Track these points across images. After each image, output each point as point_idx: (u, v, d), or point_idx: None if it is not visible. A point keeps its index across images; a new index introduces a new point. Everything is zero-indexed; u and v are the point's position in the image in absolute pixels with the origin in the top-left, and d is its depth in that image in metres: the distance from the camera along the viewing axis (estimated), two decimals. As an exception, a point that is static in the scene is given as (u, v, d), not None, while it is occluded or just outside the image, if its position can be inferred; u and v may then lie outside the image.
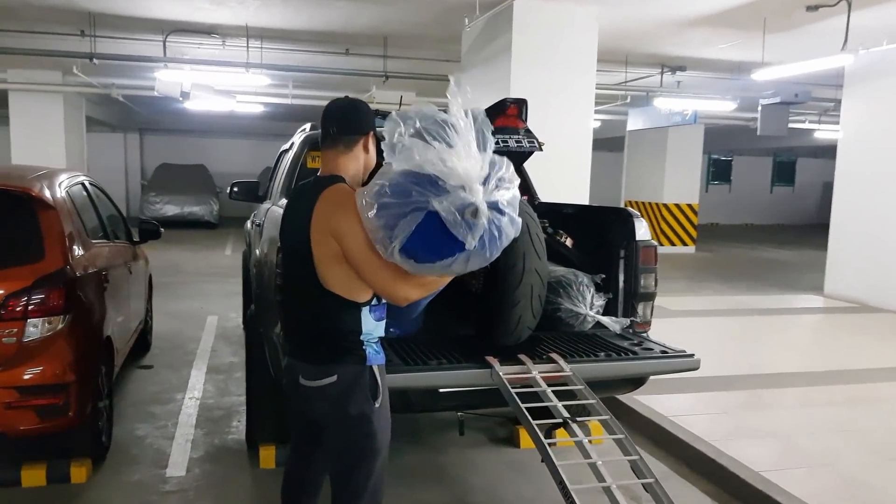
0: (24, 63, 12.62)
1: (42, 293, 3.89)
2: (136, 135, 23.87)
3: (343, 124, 2.61)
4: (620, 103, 13.22)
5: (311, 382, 2.59)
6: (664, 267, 14.46)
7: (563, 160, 7.82)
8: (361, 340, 2.54)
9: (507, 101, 3.54)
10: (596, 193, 25.79)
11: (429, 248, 2.22)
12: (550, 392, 3.05)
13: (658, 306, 9.08)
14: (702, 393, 5.72)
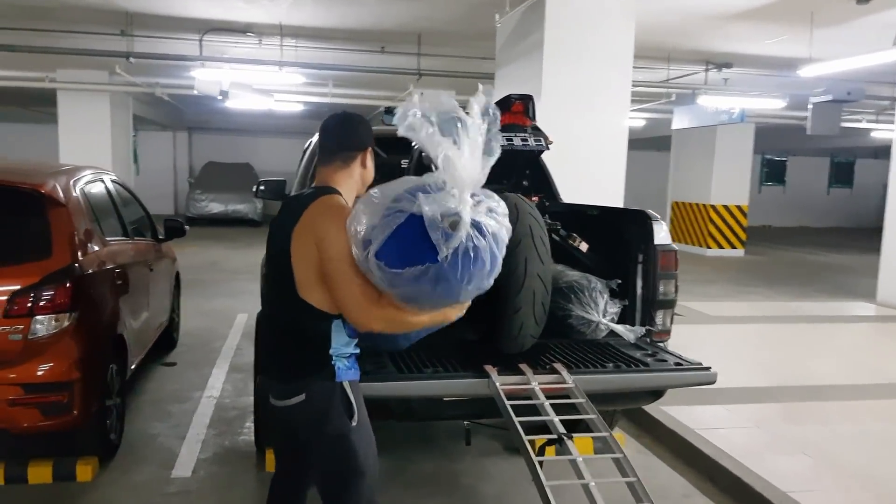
0: (72, 63, 12.86)
1: (48, 290, 3.87)
2: (185, 133, 24.28)
3: (341, 140, 2.59)
4: (665, 101, 12.87)
5: (281, 402, 2.49)
6: (709, 270, 14.10)
7: (597, 160, 7.61)
8: (331, 355, 2.43)
9: (512, 98, 3.37)
10: (640, 194, 25.40)
11: (402, 252, 2.13)
12: (548, 405, 2.88)
13: (697, 311, 9.02)
14: (734, 405, 5.45)
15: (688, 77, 11.77)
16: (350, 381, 2.47)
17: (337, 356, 2.44)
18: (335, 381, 2.43)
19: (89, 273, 4.19)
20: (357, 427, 2.46)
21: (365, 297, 2.28)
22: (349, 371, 2.47)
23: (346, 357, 2.47)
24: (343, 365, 2.45)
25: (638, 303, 3.92)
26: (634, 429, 5.23)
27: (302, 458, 2.66)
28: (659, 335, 3.91)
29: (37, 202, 4.09)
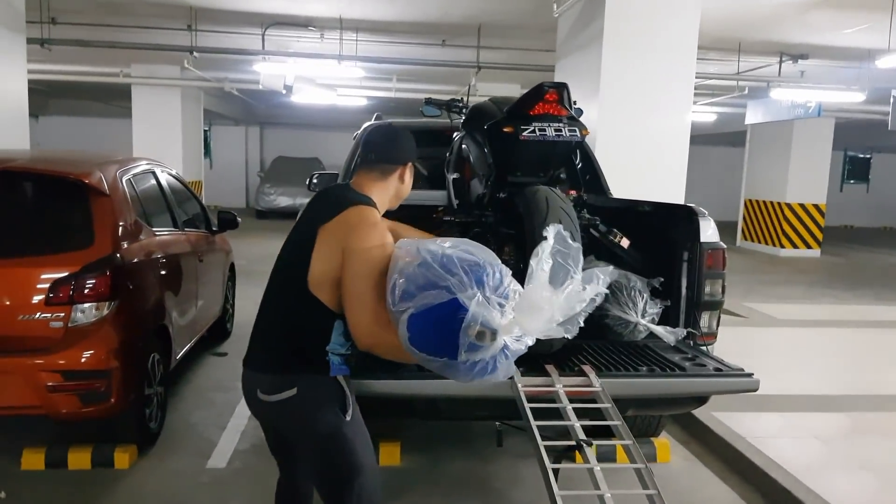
0: (145, 58, 13.24)
1: (89, 279, 3.93)
2: (257, 128, 24.77)
3: (382, 152, 2.63)
4: (737, 95, 12.36)
5: (269, 397, 2.41)
6: (782, 271, 13.54)
7: (658, 155, 7.33)
8: (326, 351, 2.40)
9: (545, 86, 3.22)
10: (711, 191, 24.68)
11: (426, 332, 2.14)
12: (570, 409, 2.73)
13: (763, 314, 8.64)
14: (793, 413, 5.15)
15: (761, 69, 11.26)
16: (345, 376, 2.44)
17: (332, 353, 2.41)
18: (328, 376, 2.40)
19: (131, 263, 4.25)
20: (350, 422, 2.43)
21: (375, 320, 2.29)
22: (342, 367, 2.44)
23: (340, 355, 2.43)
24: (337, 360, 2.42)
25: (682, 303, 3.72)
26: (683, 435, 5.00)
27: (295, 457, 2.64)
28: (703, 338, 3.69)
29: (81, 192, 4.16)
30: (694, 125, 18.51)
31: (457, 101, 4.24)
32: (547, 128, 3.16)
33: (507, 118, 3.30)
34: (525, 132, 3.15)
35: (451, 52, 10.84)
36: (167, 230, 5.16)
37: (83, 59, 13.18)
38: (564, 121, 3.21)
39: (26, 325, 3.87)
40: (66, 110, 21.61)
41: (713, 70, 11.27)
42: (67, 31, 9.69)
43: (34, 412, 3.90)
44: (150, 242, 4.62)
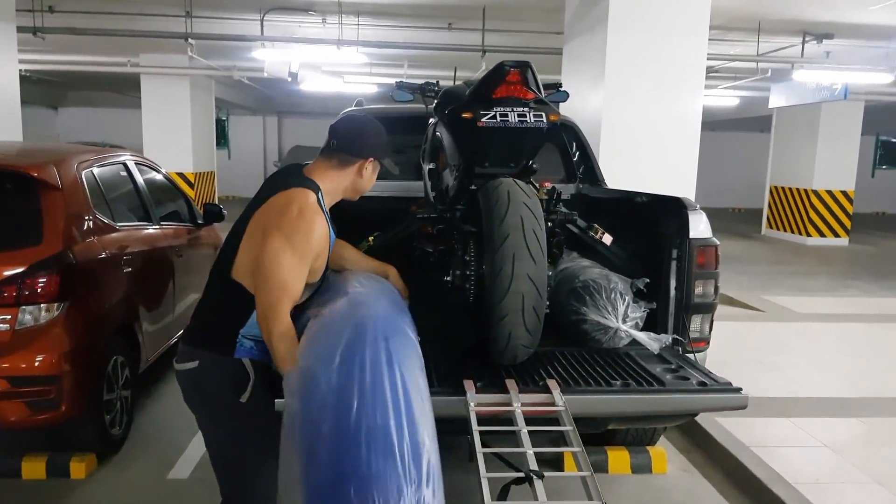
0: (153, 47, 13.03)
1: (36, 279, 3.70)
2: (275, 118, 24.60)
3: (345, 142, 2.54)
4: (760, 77, 11.83)
5: (177, 365, 2.50)
6: (807, 261, 13.04)
7: (667, 141, 6.94)
8: (238, 333, 2.40)
9: (505, 66, 2.88)
10: (734, 178, 24.13)
11: None
12: (525, 433, 2.40)
13: (782, 307, 8.20)
14: (804, 418, 4.78)
15: (783, 50, 10.72)
16: (251, 360, 2.41)
17: (244, 336, 2.41)
18: (232, 357, 2.40)
19: (86, 260, 4.00)
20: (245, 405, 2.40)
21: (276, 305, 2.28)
22: (251, 351, 2.42)
23: (255, 339, 2.41)
24: (248, 344, 2.41)
25: (671, 306, 3.37)
26: (684, 442, 4.66)
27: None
28: (697, 343, 3.34)
29: (30, 186, 3.93)
30: (716, 110, 18.19)
31: (431, 84, 3.90)
32: (510, 113, 2.82)
33: (467, 102, 2.96)
34: (484, 118, 2.81)
35: (459, 36, 10.47)
36: (136, 225, 4.91)
37: (93, 49, 13.04)
38: (531, 105, 2.86)
39: (-30, 329, 3.65)
40: (84, 101, 21.64)
41: (733, 51, 10.76)
42: (64, 20, 9.49)
43: (-21, 420, 3.68)
44: (111, 238, 4.37)
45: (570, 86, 7.94)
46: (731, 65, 11.54)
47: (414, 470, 1.89)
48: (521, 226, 2.69)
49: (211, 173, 16.58)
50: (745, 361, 6.01)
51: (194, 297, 5.92)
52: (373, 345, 2.09)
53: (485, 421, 2.52)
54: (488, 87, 2.90)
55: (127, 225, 4.71)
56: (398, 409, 1.97)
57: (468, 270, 3.02)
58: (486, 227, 2.76)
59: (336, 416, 1.94)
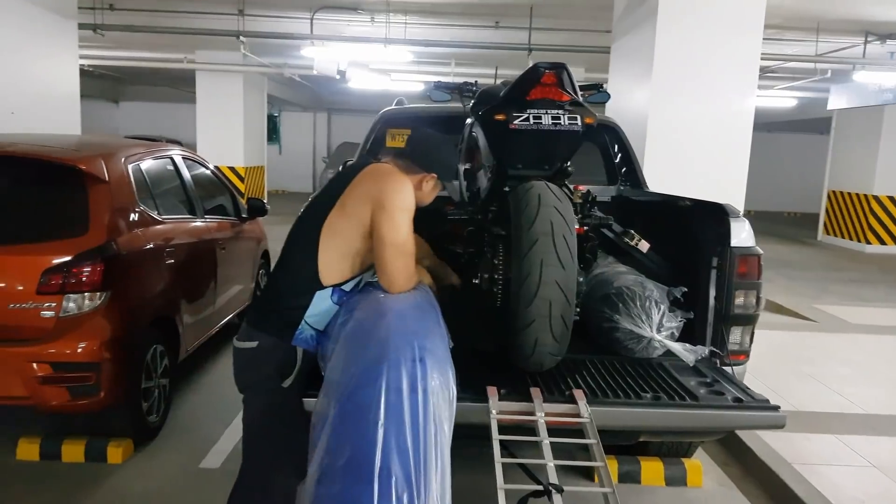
0: (208, 44, 13.29)
1: (80, 268, 3.79)
2: (325, 115, 24.86)
3: (416, 150, 2.73)
4: (819, 78, 11.48)
5: (237, 343, 2.63)
6: (865, 269, 12.57)
7: (717, 143, 6.81)
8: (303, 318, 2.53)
9: (540, 67, 2.82)
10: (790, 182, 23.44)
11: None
12: (547, 444, 2.36)
13: (835, 317, 7.94)
14: (852, 435, 4.60)
15: (844, 51, 10.38)
16: (305, 350, 2.56)
17: (307, 323, 2.54)
18: (289, 343, 2.53)
19: (129, 252, 4.08)
20: (285, 390, 2.54)
21: (407, 265, 2.54)
22: (309, 341, 2.55)
23: (317, 329, 2.55)
24: (308, 333, 2.54)
25: (710, 316, 3.27)
26: (723, 455, 4.54)
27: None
28: (736, 356, 3.24)
29: (79, 179, 4.02)
30: (772, 111, 17.73)
31: (469, 84, 3.87)
32: (543, 115, 2.78)
33: (501, 104, 2.93)
34: (517, 120, 2.78)
35: (506, 34, 10.40)
36: (181, 218, 4.99)
37: (151, 46, 13.36)
38: (565, 107, 2.81)
39: (17, 314, 3.75)
40: (143, 96, 22.20)
41: (790, 51, 10.46)
42: (123, 17, 9.73)
43: (23, 403, 3.78)
44: (155, 231, 4.45)
45: (617, 85, 7.88)
46: (788, 65, 11.23)
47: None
48: (550, 231, 2.64)
49: (261, 168, 16.83)
50: (791, 373, 5.84)
51: (236, 289, 6.01)
52: (408, 365, 2.14)
53: (507, 429, 2.48)
54: (523, 89, 2.86)
55: (171, 218, 4.79)
56: (417, 450, 1.99)
57: (496, 274, 2.98)
58: (515, 231, 2.73)
59: (354, 447, 1.98)
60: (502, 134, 2.89)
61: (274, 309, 2.60)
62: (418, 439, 1.97)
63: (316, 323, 2.55)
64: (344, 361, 2.20)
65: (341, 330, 2.38)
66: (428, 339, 2.25)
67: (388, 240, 2.46)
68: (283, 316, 2.55)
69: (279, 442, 2.62)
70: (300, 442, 2.37)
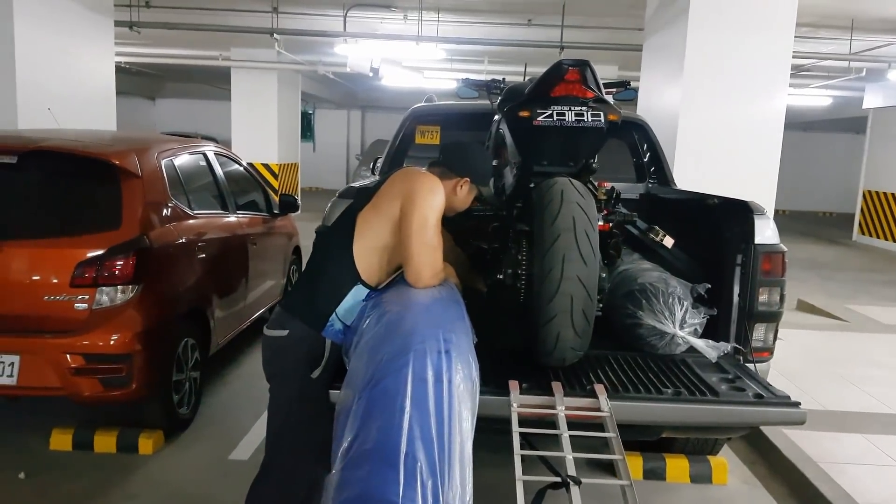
0: (243, 42, 13.44)
1: (113, 261, 3.88)
2: (359, 112, 25.00)
3: (450, 158, 2.83)
4: (854, 77, 11.30)
5: (268, 331, 2.68)
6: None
7: (747, 142, 6.72)
8: (333, 312, 2.57)
9: (564, 65, 2.84)
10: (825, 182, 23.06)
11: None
12: (566, 437, 2.38)
13: (867, 318, 7.83)
14: (881, 435, 4.55)
15: (879, 49, 10.19)
16: (333, 342, 2.59)
17: (337, 317, 2.57)
18: (319, 333, 2.57)
19: (161, 246, 4.17)
20: (315, 381, 2.58)
21: (434, 262, 2.59)
22: (337, 334, 2.59)
23: (345, 324, 2.57)
24: (338, 326, 2.58)
25: (734, 313, 3.26)
26: (750, 453, 4.51)
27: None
28: (760, 353, 3.23)
29: (112, 173, 4.11)
30: (807, 110, 17.47)
31: (497, 81, 3.90)
32: (567, 112, 2.79)
33: (525, 101, 2.95)
34: (540, 117, 2.80)
35: (538, 32, 10.38)
36: (213, 213, 5.09)
37: (186, 43, 13.55)
38: (589, 104, 2.82)
39: (51, 306, 3.86)
40: (180, 93, 22.53)
41: (824, 50, 10.30)
42: (158, 15, 9.89)
43: (57, 393, 3.89)
44: (187, 225, 4.54)
45: (649, 83, 7.83)
46: (822, 63, 11.05)
47: None
48: (572, 227, 2.66)
49: (295, 165, 17.00)
50: (821, 373, 5.78)
51: (268, 284, 6.10)
52: (433, 356, 2.16)
53: (528, 423, 2.50)
54: (546, 86, 2.88)
55: (203, 213, 4.88)
56: (441, 439, 2.00)
57: (520, 269, 3.01)
58: (538, 227, 2.75)
59: (380, 432, 2.00)
60: (526, 130, 2.91)
61: (310, 298, 2.65)
62: (442, 428, 2.00)
63: (345, 317, 2.59)
64: (369, 352, 2.23)
65: (367, 322, 2.41)
66: (453, 333, 2.27)
67: (414, 232, 2.51)
68: (317, 306, 2.60)
69: (304, 432, 2.66)
70: (325, 433, 2.40)
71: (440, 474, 1.92)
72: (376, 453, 1.93)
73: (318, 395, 2.60)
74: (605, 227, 3.23)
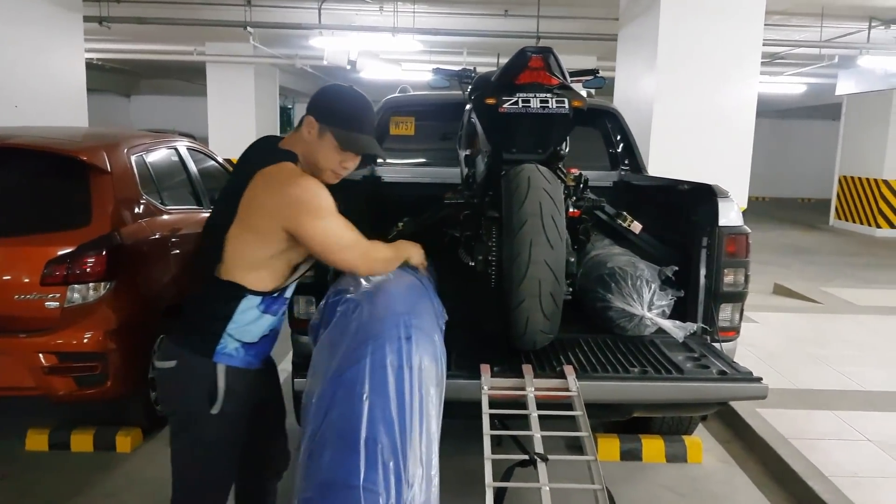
0: (218, 36, 13.34)
1: (84, 259, 3.85)
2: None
3: (312, 102, 2.34)
4: (827, 64, 11.42)
5: (157, 362, 2.35)
6: (876, 253, 12.50)
7: (720, 128, 6.83)
8: (224, 332, 2.21)
9: (527, 52, 2.87)
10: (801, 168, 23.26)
11: None
12: (535, 417, 2.41)
13: (840, 299, 7.94)
14: (852, 412, 4.63)
15: (850, 36, 10.31)
16: (229, 367, 2.23)
17: (230, 335, 2.22)
18: (210, 360, 2.22)
19: (133, 242, 4.15)
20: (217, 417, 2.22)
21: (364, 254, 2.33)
22: (233, 357, 2.24)
23: (241, 340, 2.24)
24: (232, 348, 2.23)
25: (701, 294, 3.32)
26: (725, 433, 4.58)
27: None
28: (723, 333, 3.29)
29: (81, 170, 4.07)
30: (783, 97, 17.60)
31: (468, 70, 3.91)
32: (532, 99, 2.82)
33: (492, 89, 2.97)
34: (506, 104, 2.82)
35: (515, 23, 10.40)
36: (186, 208, 5.06)
37: (159, 38, 13.44)
38: (554, 90, 2.85)
39: (23, 305, 3.83)
40: (156, 90, 22.35)
41: (796, 37, 10.41)
42: (129, 9, 9.81)
43: (31, 393, 3.86)
44: (160, 221, 4.51)
45: (624, 72, 7.88)
46: (796, 51, 11.17)
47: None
48: (539, 212, 2.69)
49: (273, 160, 16.89)
50: (796, 354, 5.87)
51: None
52: (394, 344, 2.12)
53: (500, 405, 2.54)
54: (512, 74, 2.91)
55: (176, 208, 4.86)
56: (403, 421, 2.01)
57: (490, 256, 3.04)
58: (506, 213, 2.78)
59: (342, 420, 2.00)
60: (493, 118, 2.94)
61: (192, 322, 2.30)
62: (404, 410, 2.00)
63: (241, 334, 2.24)
64: (331, 344, 2.21)
65: (332, 312, 2.35)
66: (414, 317, 2.25)
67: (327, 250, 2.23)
68: (200, 328, 2.24)
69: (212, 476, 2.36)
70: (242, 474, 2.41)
71: (402, 454, 1.93)
72: (338, 440, 1.95)
73: (223, 435, 2.28)
74: (575, 213, 3.27)
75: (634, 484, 3.89)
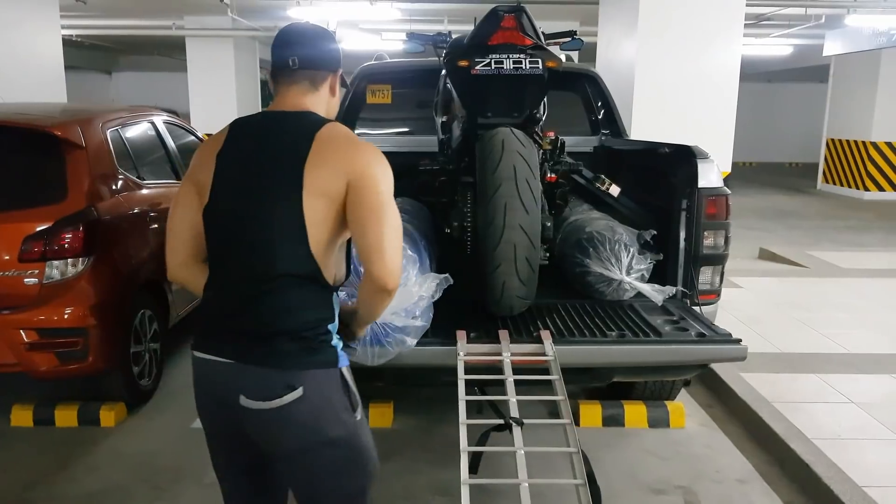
0: (197, 9, 13.16)
1: (61, 235, 3.82)
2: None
3: (309, 54, 1.94)
4: (814, 24, 11.34)
5: (262, 404, 1.79)
6: (862, 216, 12.51)
7: (703, 91, 6.79)
8: (331, 333, 1.89)
9: (499, 11, 2.82)
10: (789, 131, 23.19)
11: None
12: (511, 382, 2.41)
13: (826, 262, 7.98)
14: (835, 374, 4.66)
15: (834, -5, 10.24)
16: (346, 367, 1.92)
17: (335, 334, 1.92)
18: (337, 368, 1.88)
19: (110, 217, 4.11)
20: (361, 420, 1.94)
21: (399, 247, 1.89)
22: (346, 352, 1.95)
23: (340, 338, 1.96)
24: (341, 347, 1.93)
25: (680, 257, 3.31)
26: (707, 397, 4.61)
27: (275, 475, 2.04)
28: (704, 296, 3.29)
29: (55, 145, 4.03)
30: (770, 60, 17.52)
31: (443, 35, 3.85)
32: (505, 60, 2.78)
33: (464, 50, 2.92)
34: (479, 66, 2.78)
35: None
36: (164, 183, 5.01)
37: (137, 13, 13.23)
38: (527, 51, 2.81)
39: (1, 282, 3.80)
40: (137, 66, 22.07)
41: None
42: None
43: (13, 370, 3.85)
44: (137, 196, 4.48)
45: (606, 36, 7.81)
46: (783, 12, 11.08)
47: None
48: (514, 176, 2.67)
49: (256, 134, 16.76)
50: (780, 317, 5.89)
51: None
52: None
53: (477, 370, 2.53)
54: (484, 35, 2.86)
55: (154, 183, 4.81)
56: None
57: (465, 222, 3.02)
58: (480, 177, 2.76)
59: None
60: (467, 80, 2.90)
61: (299, 330, 1.84)
62: None
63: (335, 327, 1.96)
64: None
65: None
66: None
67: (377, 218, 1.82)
68: (315, 337, 1.86)
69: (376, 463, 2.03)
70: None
71: None
72: None
73: (365, 434, 1.98)
74: (552, 178, 3.24)
75: (617, 449, 3.91)
